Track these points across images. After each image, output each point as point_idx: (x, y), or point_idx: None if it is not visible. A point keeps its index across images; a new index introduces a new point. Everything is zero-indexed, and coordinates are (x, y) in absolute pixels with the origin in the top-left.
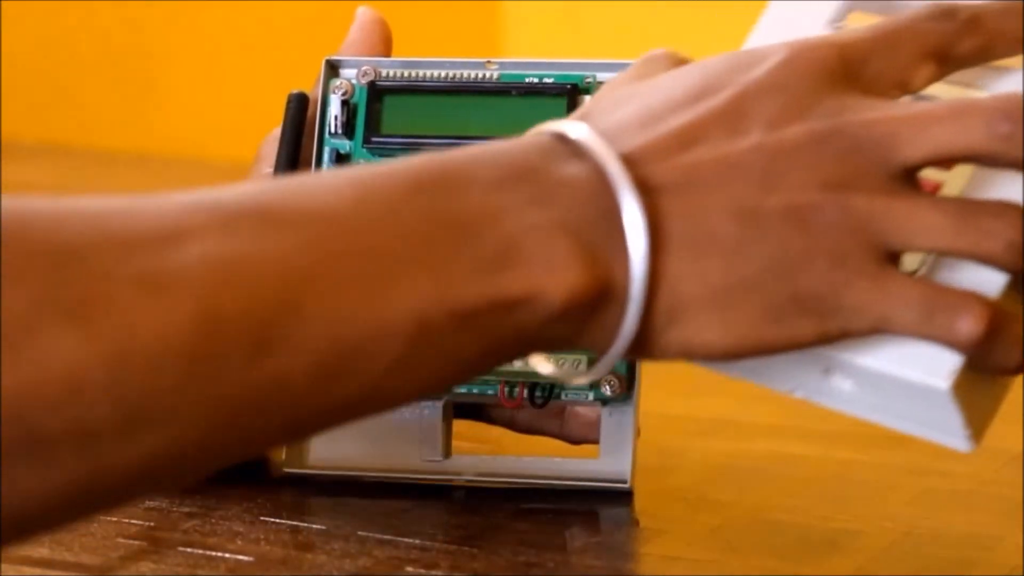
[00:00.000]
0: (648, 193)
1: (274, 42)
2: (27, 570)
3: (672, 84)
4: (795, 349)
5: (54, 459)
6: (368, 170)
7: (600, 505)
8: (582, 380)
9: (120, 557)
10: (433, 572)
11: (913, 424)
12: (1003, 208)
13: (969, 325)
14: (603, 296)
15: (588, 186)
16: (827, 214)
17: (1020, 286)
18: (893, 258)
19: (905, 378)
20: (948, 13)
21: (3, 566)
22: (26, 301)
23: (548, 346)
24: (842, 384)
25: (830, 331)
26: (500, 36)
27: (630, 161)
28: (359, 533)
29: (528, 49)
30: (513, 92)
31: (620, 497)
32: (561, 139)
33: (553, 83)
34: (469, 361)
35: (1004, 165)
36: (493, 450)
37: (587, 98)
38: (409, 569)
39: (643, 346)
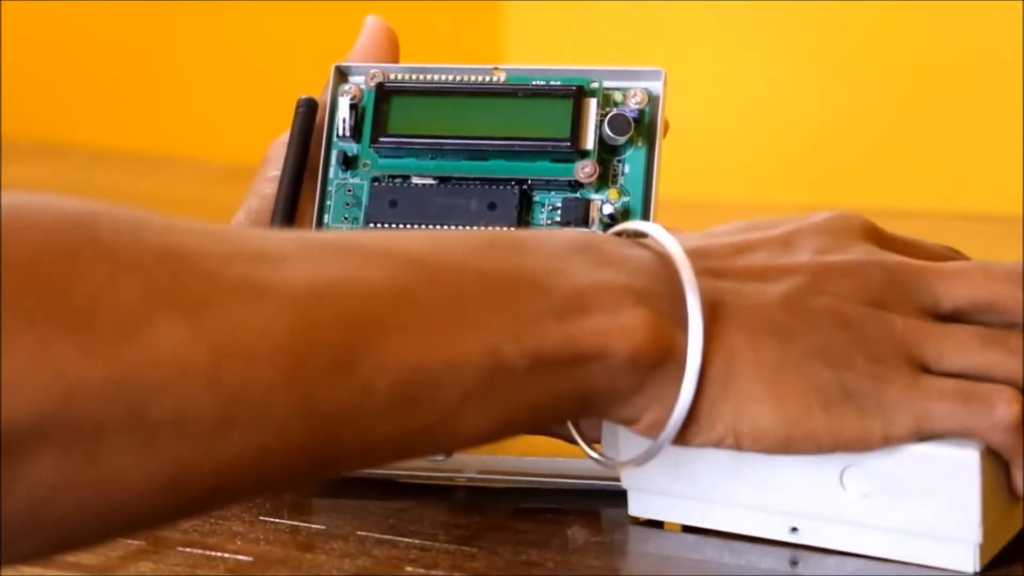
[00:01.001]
0: (705, 276)
1: (274, 43)
2: (26, 570)
3: (729, 224)
4: (839, 447)
5: (153, 443)
6: (441, 232)
7: (600, 505)
8: (631, 466)
9: (120, 557)
10: (433, 572)
11: (920, 539)
12: None
13: (1004, 409)
14: (664, 357)
15: (650, 263)
16: (868, 323)
17: None
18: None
19: (933, 453)
20: (954, 250)
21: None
22: (139, 291)
23: (608, 402)
24: (855, 489)
25: (873, 430)
26: (501, 42)
27: (690, 253)
28: (359, 533)
29: (530, 53)
30: (519, 94)
31: (620, 497)
32: (624, 232)
33: (559, 85)
34: (535, 407)
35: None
36: (493, 450)
37: (593, 101)
38: (409, 569)
39: (694, 419)
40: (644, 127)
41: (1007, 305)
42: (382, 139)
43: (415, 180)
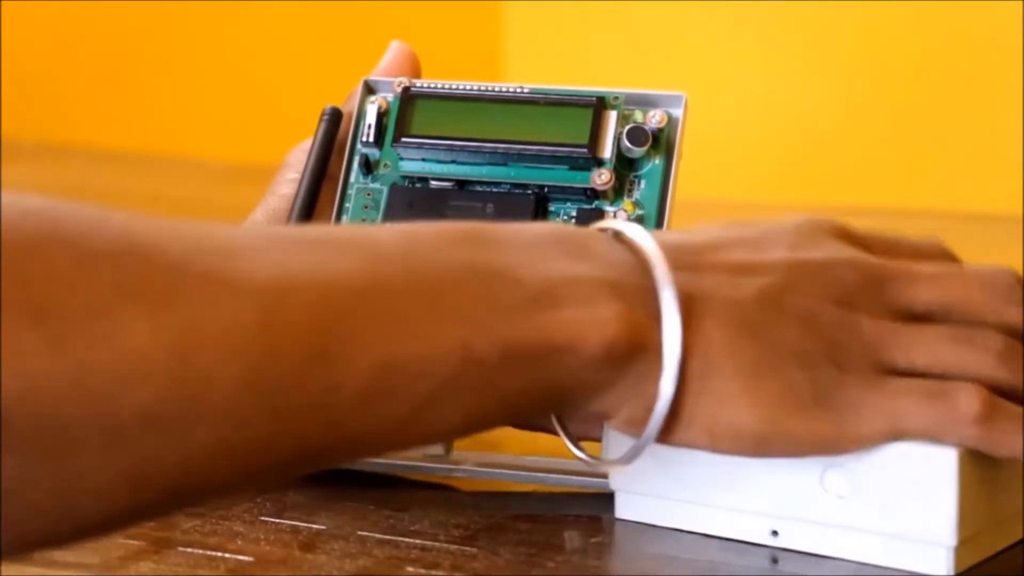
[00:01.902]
0: (680, 271)
1: (274, 44)
2: (27, 570)
3: (706, 224)
4: (815, 449)
5: (117, 438)
6: (415, 225)
7: (601, 505)
8: (618, 465)
9: (120, 557)
10: (434, 572)
11: (897, 541)
12: (995, 329)
13: (967, 405)
14: (639, 350)
15: (625, 258)
16: (837, 327)
17: None
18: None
19: (911, 452)
20: (939, 243)
21: (3, 566)
22: (102, 284)
23: (583, 396)
24: (835, 488)
25: (846, 431)
26: (501, 42)
27: (665, 249)
28: (359, 533)
29: (530, 54)
30: (541, 101)
31: None
32: (602, 230)
33: (581, 96)
34: (509, 400)
35: (998, 321)
36: (494, 448)
37: (613, 113)
38: (410, 569)
39: (673, 415)
40: (662, 145)
41: (979, 310)
42: (404, 139)
43: (433, 183)
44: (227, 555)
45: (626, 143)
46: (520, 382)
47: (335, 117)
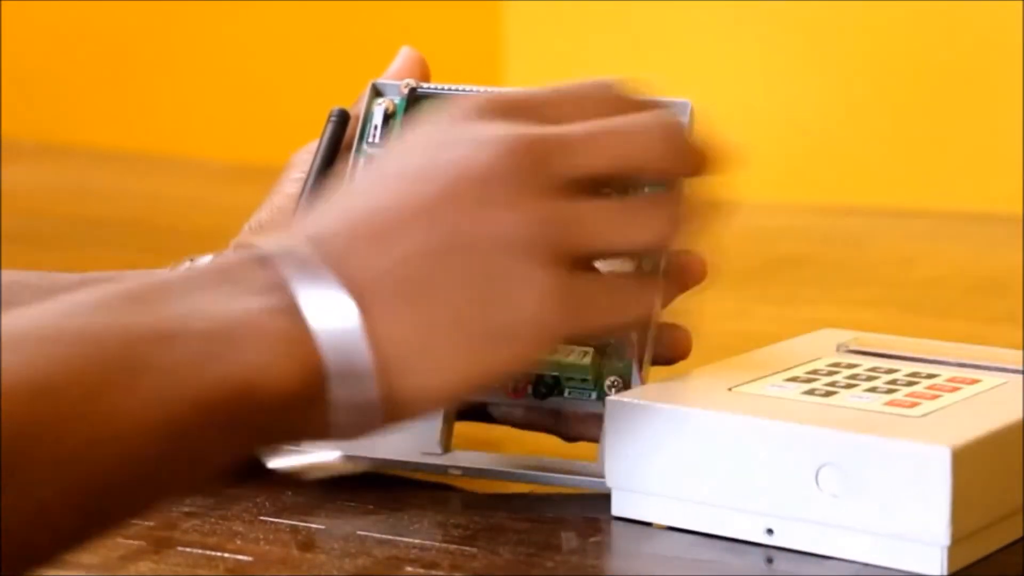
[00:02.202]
0: (336, 264)
1: (274, 44)
2: None
3: (376, 168)
4: (517, 365)
5: None
6: (83, 295)
7: (599, 506)
8: (335, 467)
9: (120, 557)
10: (433, 572)
11: (890, 541)
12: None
13: (642, 303)
14: (316, 375)
15: (283, 277)
16: (504, 245)
17: None
18: (581, 263)
19: (905, 450)
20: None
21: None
22: None
23: (289, 431)
24: (829, 486)
25: (538, 342)
26: (502, 42)
27: (316, 244)
28: (359, 533)
29: (530, 53)
30: None
31: None
32: (258, 246)
33: None
34: (220, 453)
35: (669, 178)
36: (494, 450)
37: None
38: (409, 569)
39: (393, 408)
40: None
41: (643, 168)
42: None
43: None
44: (226, 555)
45: None
46: (221, 437)
47: (342, 118)
